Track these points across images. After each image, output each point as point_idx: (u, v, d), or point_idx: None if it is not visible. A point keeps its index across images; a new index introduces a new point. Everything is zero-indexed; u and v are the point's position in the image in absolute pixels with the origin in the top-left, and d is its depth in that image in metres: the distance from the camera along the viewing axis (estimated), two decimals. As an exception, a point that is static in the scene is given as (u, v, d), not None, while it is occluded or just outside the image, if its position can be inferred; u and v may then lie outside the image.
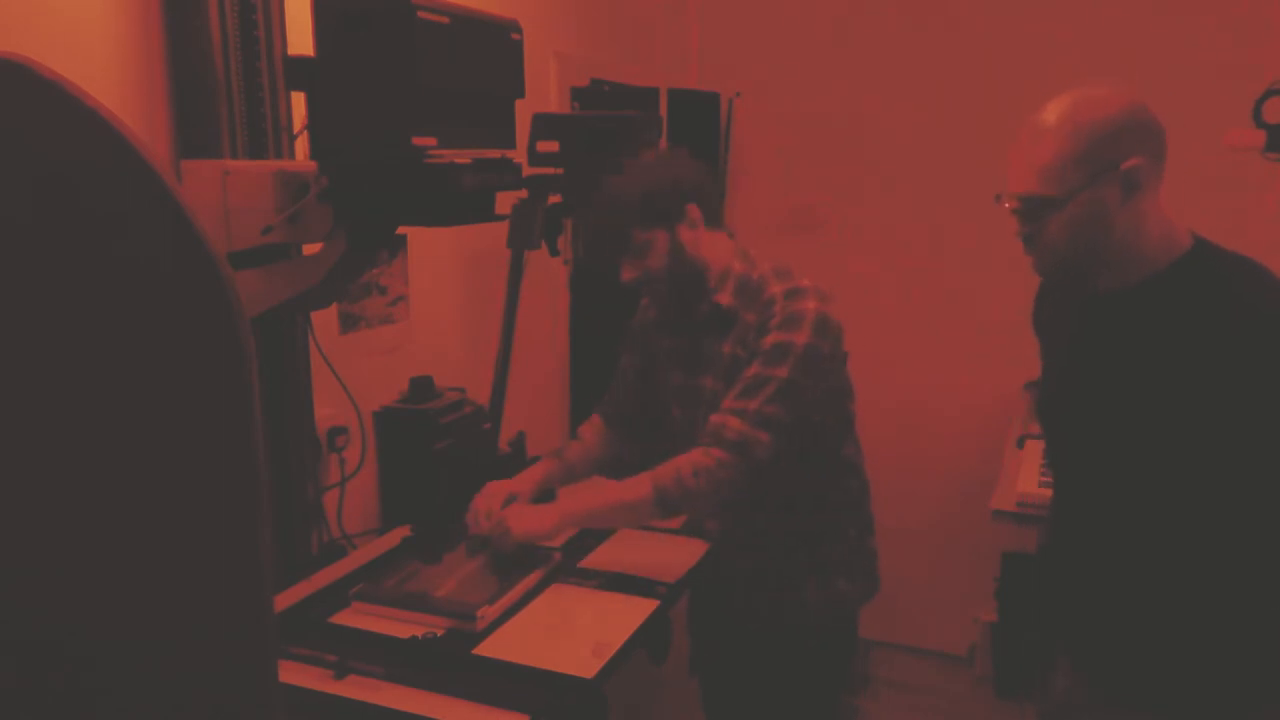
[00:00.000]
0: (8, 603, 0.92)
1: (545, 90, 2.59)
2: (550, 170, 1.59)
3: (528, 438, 2.43)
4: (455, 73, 1.39)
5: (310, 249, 1.57)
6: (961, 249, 3.30)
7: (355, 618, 1.52)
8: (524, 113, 1.56)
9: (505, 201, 1.56)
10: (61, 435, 0.87)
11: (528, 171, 1.57)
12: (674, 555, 1.73)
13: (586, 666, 1.35)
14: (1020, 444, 2.63)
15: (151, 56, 1.52)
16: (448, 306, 2.29)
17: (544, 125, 1.59)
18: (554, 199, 1.62)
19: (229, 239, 1.46)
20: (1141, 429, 1.36)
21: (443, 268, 2.26)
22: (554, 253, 1.64)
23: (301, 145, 1.64)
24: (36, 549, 0.91)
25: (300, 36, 1.50)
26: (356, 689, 1.32)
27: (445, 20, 1.35)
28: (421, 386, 2.08)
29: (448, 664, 1.38)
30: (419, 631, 1.44)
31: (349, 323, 1.98)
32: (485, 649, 1.42)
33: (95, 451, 0.86)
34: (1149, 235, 1.35)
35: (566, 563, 1.72)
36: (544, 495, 1.83)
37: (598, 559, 1.74)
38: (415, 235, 2.14)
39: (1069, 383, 1.50)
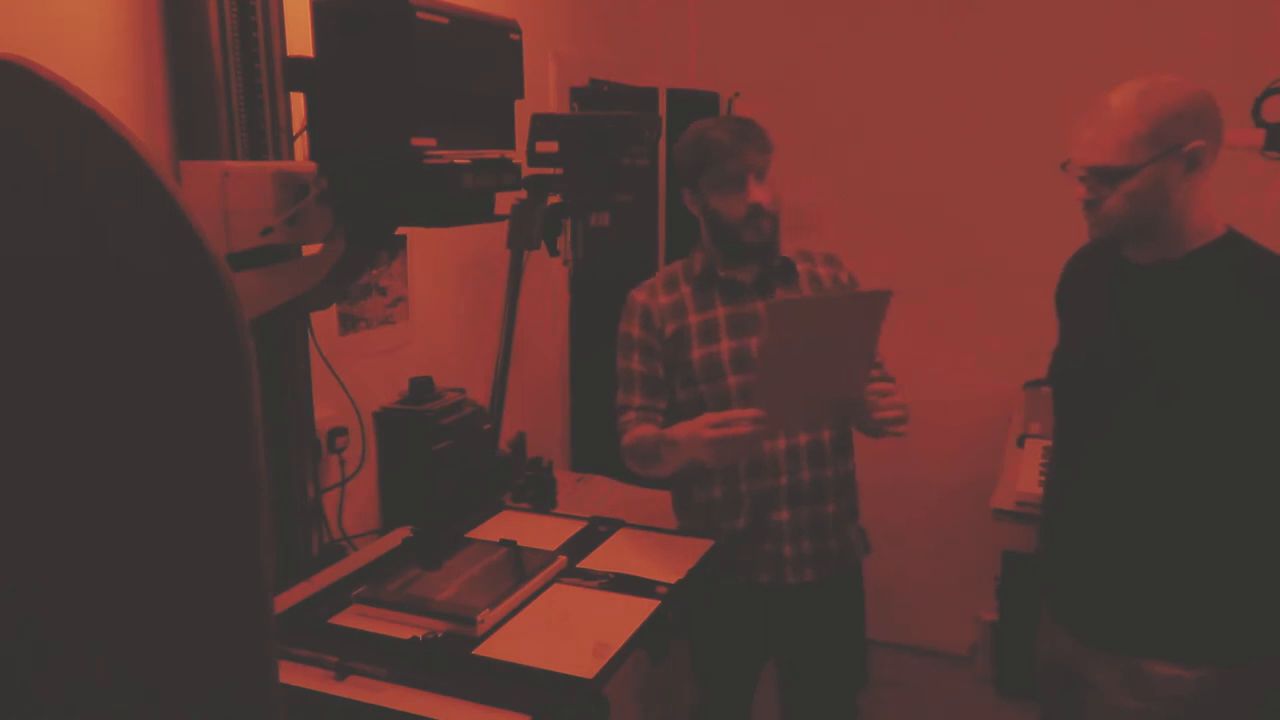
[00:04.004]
0: (6, 603, 0.92)
1: (544, 90, 2.59)
2: (550, 170, 1.58)
3: (528, 438, 2.44)
4: (454, 73, 1.39)
5: (310, 250, 1.56)
6: (961, 249, 3.30)
7: (355, 619, 1.52)
8: (523, 113, 1.56)
9: (505, 202, 1.56)
10: (60, 438, 0.87)
11: (527, 172, 1.57)
12: (674, 555, 1.73)
13: (586, 667, 1.35)
14: (1020, 443, 2.63)
15: (150, 57, 1.52)
16: (447, 307, 2.29)
17: (543, 125, 1.58)
18: (554, 199, 1.62)
19: (228, 240, 1.46)
20: (1173, 393, 1.45)
21: (442, 268, 2.26)
22: (554, 253, 1.64)
23: (301, 146, 1.64)
24: (35, 550, 0.90)
25: (299, 37, 1.50)
26: (357, 690, 1.32)
27: (444, 21, 1.35)
28: (421, 387, 2.08)
29: (448, 665, 1.37)
30: (419, 633, 1.44)
31: (349, 324, 1.98)
32: (485, 649, 1.42)
33: (94, 453, 0.86)
34: (1194, 214, 1.48)
35: (567, 563, 1.72)
36: None
37: (598, 559, 1.74)
38: (415, 236, 2.14)
39: (1101, 346, 1.58)
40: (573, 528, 1.89)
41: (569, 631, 1.47)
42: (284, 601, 1.56)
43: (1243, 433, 1.43)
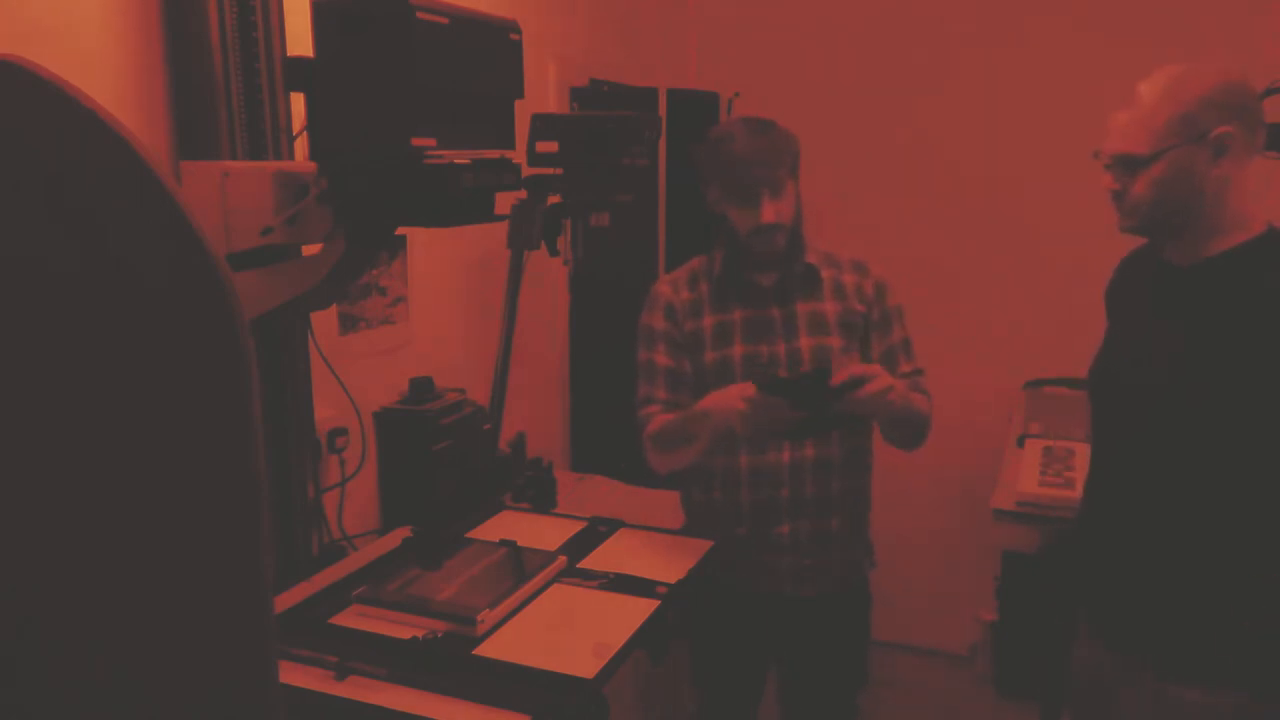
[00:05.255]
0: (6, 603, 0.92)
1: (544, 90, 2.59)
2: (550, 170, 1.59)
3: (528, 438, 2.44)
4: (454, 73, 1.39)
5: (310, 250, 1.57)
6: (961, 248, 3.31)
7: (356, 619, 1.52)
8: (523, 113, 1.56)
9: (505, 202, 1.56)
10: (59, 438, 0.87)
11: (527, 172, 1.57)
12: (674, 555, 1.73)
13: (586, 666, 1.35)
14: (1020, 444, 2.63)
15: (151, 57, 1.52)
16: (447, 307, 2.30)
17: (543, 125, 1.58)
18: (554, 199, 1.62)
19: (228, 240, 1.46)
20: (1204, 399, 1.40)
21: (442, 268, 2.26)
22: (554, 253, 1.64)
23: (301, 146, 1.64)
24: (35, 550, 0.90)
25: (299, 37, 1.50)
26: (357, 690, 1.32)
27: (444, 21, 1.35)
28: (421, 387, 2.08)
29: (448, 665, 1.37)
30: (419, 633, 1.44)
31: (349, 324, 1.98)
32: (485, 649, 1.42)
33: (94, 454, 0.86)
34: (1229, 208, 1.42)
35: (567, 563, 1.72)
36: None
37: (598, 559, 1.74)
38: (415, 236, 2.14)
39: (1139, 350, 1.54)
40: (573, 528, 1.89)
41: (569, 631, 1.47)
42: (284, 601, 1.56)
43: (1261, 442, 1.37)
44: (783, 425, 1.67)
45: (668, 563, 1.70)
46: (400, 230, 1.67)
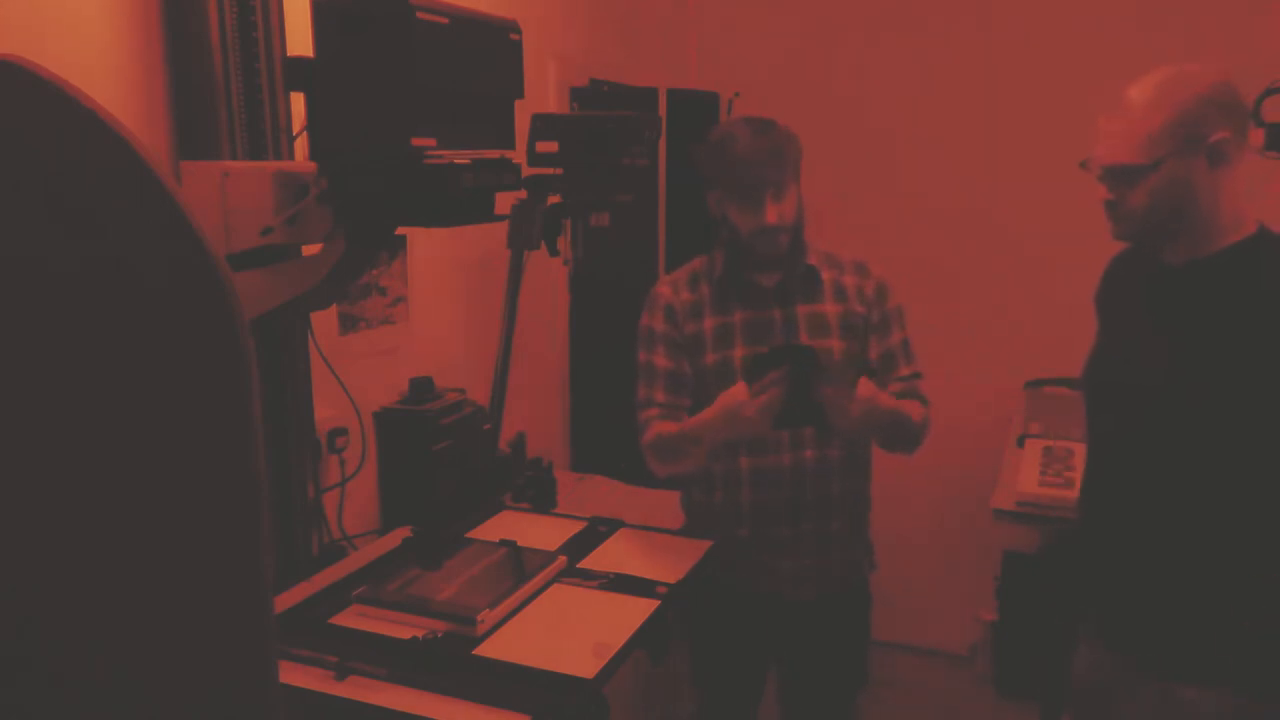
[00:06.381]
0: (6, 603, 0.92)
1: (544, 90, 2.59)
2: (550, 170, 1.59)
3: (528, 438, 2.44)
4: (454, 73, 1.39)
5: (310, 250, 1.57)
6: (961, 249, 3.30)
7: (356, 619, 1.52)
8: (523, 113, 1.56)
9: (505, 202, 1.56)
10: (60, 438, 0.87)
11: (527, 172, 1.57)
12: (674, 555, 1.73)
13: (586, 666, 1.35)
14: (1020, 444, 2.63)
15: (150, 57, 1.52)
16: (448, 307, 2.30)
17: (543, 125, 1.58)
18: (554, 199, 1.62)
19: (228, 240, 1.46)
20: (1198, 398, 1.39)
21: (442, 268, 2.26)
22: (554, 253, 1.64)
23: (301, 146, 1.64)
24: (35, 550, 0.90)
25: (299, 37, 1.50)
26: (357, 690, 1.32)
27: (444, 21, 1.35)
28: (421, 387, 2.08)
29: (448, 665, 1.37)
30: (419, 633, 1.44)
31: (349, 324, 1.98)
32: (485, 649, 1.42)
33: (94, 453, 0.86)
34: (1223, 210, 1.42)
35: (567, 563, 1.72)
36: None
37: (598, 559, 1.74)
38: (415, 236, 2.14)
39: (1134, 350, 1.53)
40: (573, 528, 1.89)
41: (569, 631, 1.47)
42: (284, 601, 1.56)
43: (1272, 439, 1.37)
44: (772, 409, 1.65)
45: (668, 563, 1.70)
46: (400, 230, 1.67)
